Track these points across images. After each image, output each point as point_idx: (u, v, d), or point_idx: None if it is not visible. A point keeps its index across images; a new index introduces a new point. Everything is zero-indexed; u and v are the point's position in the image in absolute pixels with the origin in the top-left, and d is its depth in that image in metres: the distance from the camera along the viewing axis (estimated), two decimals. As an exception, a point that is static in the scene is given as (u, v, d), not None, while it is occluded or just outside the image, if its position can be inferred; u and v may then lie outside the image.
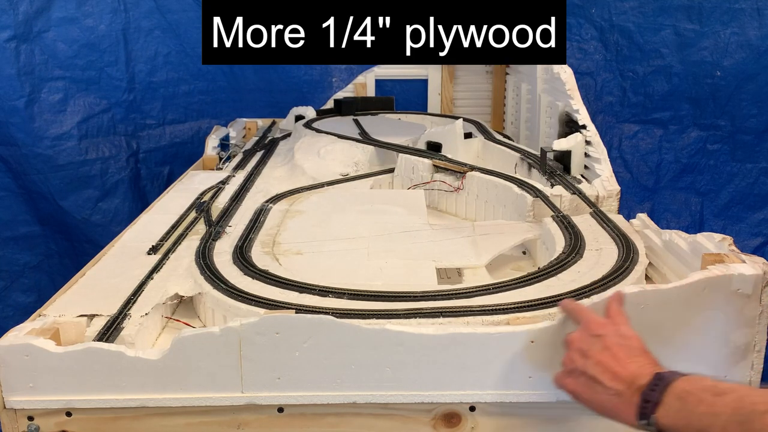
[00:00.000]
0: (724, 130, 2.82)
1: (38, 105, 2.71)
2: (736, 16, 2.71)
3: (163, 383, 1.02)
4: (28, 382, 1.01)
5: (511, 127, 2.86)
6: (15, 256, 2.82)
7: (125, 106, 2.89)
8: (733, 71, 2.75)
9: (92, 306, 1.18)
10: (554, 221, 1.51)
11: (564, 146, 1.82)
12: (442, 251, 1.42)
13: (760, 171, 2.83)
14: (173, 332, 1.14)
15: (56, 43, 2.73)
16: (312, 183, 1.94)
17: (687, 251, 1.26)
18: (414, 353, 1.00)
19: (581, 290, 1.16)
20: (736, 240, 1.22)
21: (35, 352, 1.00)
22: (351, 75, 3.05)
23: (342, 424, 1.05)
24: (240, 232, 1.52)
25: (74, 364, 1.01)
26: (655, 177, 2.92)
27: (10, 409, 1.03)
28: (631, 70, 2.86)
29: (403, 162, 1.99)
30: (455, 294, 1.16)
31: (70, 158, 2.77)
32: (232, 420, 1.04)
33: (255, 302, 1.14)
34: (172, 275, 1.32)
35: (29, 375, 1.01)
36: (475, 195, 1.82)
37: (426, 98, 3.08)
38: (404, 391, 1.03)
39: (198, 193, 1.88)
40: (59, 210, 2.79)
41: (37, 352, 1.00)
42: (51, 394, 1.02)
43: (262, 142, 2.56)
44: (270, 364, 1.01)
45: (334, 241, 1.48)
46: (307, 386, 1.02)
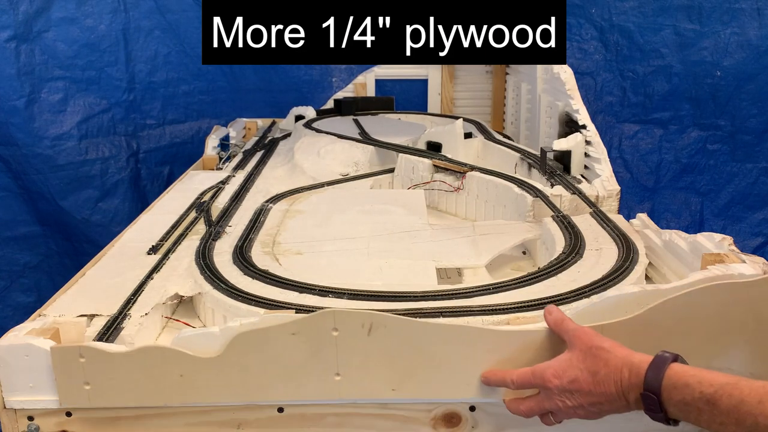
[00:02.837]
0: (724, 130, 2.83)
1: (38, 105, 2.70)
2: (736, 16, 2.71)
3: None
4: (28, 382, 1.01)
5: (511, 127, 2.86)
6: (15, 256, 2.82)
7: (125, 106, 2.88)
8: (733, 71, 2.75)
9: (92, 306, 1.18)
10: (554, 221, 1.51)
11: (564, 146, 1.82)
12: (442, 251, 1.42)
13: (760, 171, 2.84)
14: (173, 332, 1.14)
15: (56, 43, 2.73)
16: (312, 183, 1.94)
17: (687, 251, 1.26)
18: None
19: (581, 290, 1.16)
20: (736, 240, 1.23)
21: (35, 352, 1.00)
22: (351, 75, 3.05)
23: (342, 424, 1.05)
24: (240, 232, 1.52)
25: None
26: (655, 177, 2.92)
27: (10, 409, 1.03)
28: (631, 70, 2.86)
29: (403, 162, 1.99)
30: (455, 294, 1.16)
31: (70, 158, 2.77)
32: (232, 420, 1.04)
33: (255, 302, 1.14)
34: (172, 275, 1.32)
35: (29, 375, 1.01)
36: (475, 195, 1.82)
37: (426, 98, 3.08)
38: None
39: (198, 193, 1.88)
40: (59, 210, 2.79)
41: (37, 352, 1.00)
42: (51, 394, 1.02)
43: (262, 142, 2.56)
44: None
45: (334, 241, 1.48)
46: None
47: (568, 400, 0.91)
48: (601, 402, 0.88)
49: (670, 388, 0.82)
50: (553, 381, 0.91)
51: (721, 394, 0.77)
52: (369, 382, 1.01)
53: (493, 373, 0.98)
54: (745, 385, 0.77)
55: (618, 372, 0.87)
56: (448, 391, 1.02)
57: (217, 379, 1.00)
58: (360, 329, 0.98)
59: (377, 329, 0.98)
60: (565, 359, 0.92)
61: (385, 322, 0.98)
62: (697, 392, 0.79)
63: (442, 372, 1.00)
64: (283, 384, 1.01)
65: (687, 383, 0.81)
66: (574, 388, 0.90)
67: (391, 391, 1.01)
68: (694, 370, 0.82)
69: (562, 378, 0.90)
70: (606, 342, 0.90)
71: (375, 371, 1.00)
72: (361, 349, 0.99)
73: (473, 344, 0.99)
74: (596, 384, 0.88)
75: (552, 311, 0.98)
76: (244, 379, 1.01)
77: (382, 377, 1.01)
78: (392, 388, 1.01)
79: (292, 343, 0.99)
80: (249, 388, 1.01)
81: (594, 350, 0.89)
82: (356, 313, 0.99)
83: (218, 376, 1.00)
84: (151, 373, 1.00)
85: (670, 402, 0.82)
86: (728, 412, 0.76)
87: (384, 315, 0.98)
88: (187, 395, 1.01)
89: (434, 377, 1.01)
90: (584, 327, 0.94)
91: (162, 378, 1.00)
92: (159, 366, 1.00)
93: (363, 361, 1.00)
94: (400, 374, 1.01)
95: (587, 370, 0.89)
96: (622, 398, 0.87)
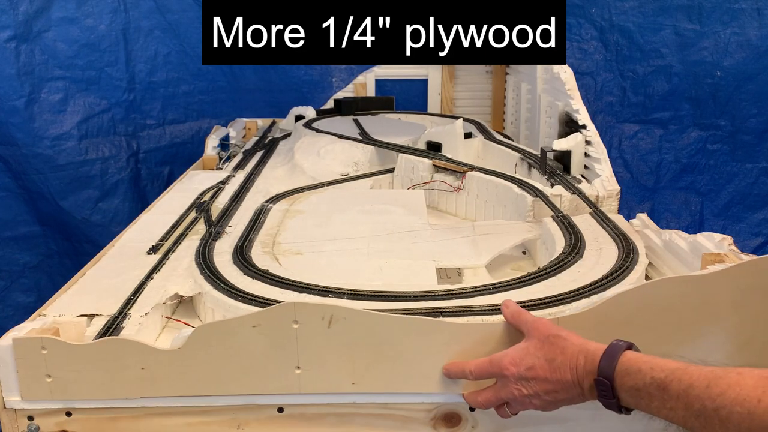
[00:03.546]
0: (724, 130, 2.83)
1: (38, 105, 2.70)
2: (736, 16, 2.71)
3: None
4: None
5: (511, 127, 2.86)
6: (15, 256, 2.82)
7: (125, 106, 2.89)
8: (733, 71, 2.75)
9: (92, 306, 1.18)
10: (554, 221, 1.52)
11: (564, 146, 1.82)
12: (442, 251, 1.42)
13: (760, 171, 2.84)
14: (173, 332, 1.14)
15: (56, 43, 2.73)
16: (312, 183, 1.94)
17: (687, 251, 1.26)
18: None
19: (581, 290, 1.16)
20: (736, 240, 1.23)
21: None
22: (351, 75, 3.05)
23: (342, 424, 1.05)
24: (240, 232, 1.52)
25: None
26: (655, 177, 2.92)
27: (10, 408, 1.03)
28: (631, 70, 2.86)
29: (403, 162, 1.99)
30: (455, 294, 1.16)
31: (70, 158, 2.77)
32: (232, 420, 1.04)
33: (255, 302, 1.14)
34: (172, 275, 1.32)
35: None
36: (475, 195, 1.82)
37: (426, 98, 3.08)
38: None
39: (198, 193, 1.88)
40: (59, 210, 2.79)
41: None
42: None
43: (262, 142, 2.56)
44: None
45: (334, 241, 1.48)
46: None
47: (524, 388, 0.92)
48: (557, 390, 0.90)
49: (623, 374, 0.83)
50: (510, 368, 0.92)
51: (671, 379, 0.78)
52: (329, 375, 1.01)
53: (453, 365, 0.99)
54: (694, 370, 0.77)
55: (574, 359, 0.88)
56: (407, 385, 1.02)
57: (178, 372, 1.00)
58: (320, 322, 0.98)
59: (337, 322, 0.98)
60: (523, 347, 0.93)
61: (344, 314, 0.98)
62: (648, 377, 0.80)
63: (401, 365, 1.00)
64: (245, 377, 1.01)
65: (639, 369, 0.82)
66: (530, 376, 0.91)
67: (351, 384, 1.01)
68: (646, 357, 0.84)
69: (519, 365, 0.92)
70: (563, 331, 0.92)
71: (335, 364, 1.01)
72: (322, 342, 0.99)
73: (431, 337, 0.99)
74: (552, 371, 0.89)
75: (509, 305, 1.00)
76: (205, 372, 1.00)
77: (342, 370, 1.01)
78: (352, 381, 1.01)
79: (254, 336, 0.99)
80: (210, 382, 1.01)
81: (551, 338, 0.91)
82: (316, 306, 0.99)
83: (180, 369, 1.00)
84: (112, 365, 1.00)
85: (623, 388, 0.83)
86: (678, 396, 0.77)
87: (344, 308, 0.99)
88: (149, 389, 1.01)
89: (393, 370, 1.01)
90: (541, 318, 0.96)
91: (123, 371, 1.00)
92: (120, 358, 0.99)
93: (323, 354, 1.00)
94: (360, 368, 1.01)
95: (544, 358, 0.90)
96: (577, 386, 0.88)
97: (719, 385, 0.74)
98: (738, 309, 0.99)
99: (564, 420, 1.04)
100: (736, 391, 0.72)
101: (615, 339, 0.87)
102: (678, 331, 1.00)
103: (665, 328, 0.99)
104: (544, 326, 0.93)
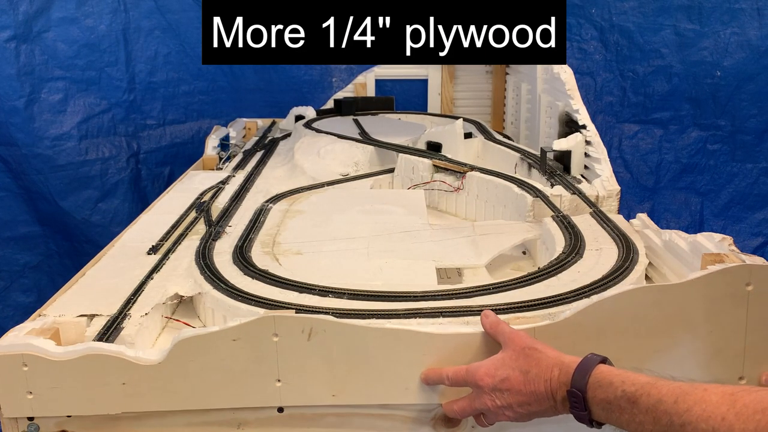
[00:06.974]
0: (724, 130, 2.83)
1: (38, 105, 2.71)
2: (736, 16, 2.71)
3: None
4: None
5: (511, 127, 2.86)
6: (15, 256, 2.82)
7: (125, 106, 2.89)
8: (733, 71, 2.75)
9: (92, 306, 1.18)
10: (554, 221, 1.51)
11: (564, 146, 1.82)
12: (442, 251, 1.42)
13: (760, 171, 2.84)
14: (173, 332, 1.14)
15: (56, 43, 2.73)
16: (312, 183, 1.94)
17: (687, 251, 1.26)
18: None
19: (581, 290, 1.16)
20: (736, 240, 1.23)
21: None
22: (351, 75, 3.05)
23: (342, 424, 1.05)
24: (240, 232, 1.52)
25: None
26: (655, 177, 2.92)
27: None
28: (631, 70, 2.86)
29: (403, 162, 1.99)
30: (455, 294, 1.16)
31: (70, 158, 2.77)
32: (232, 420, 1.04)
33: (255, 302, 1.14)
34: (172, 275, 1.32)
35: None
36: (475, 195, 1.82)
37: (426, 98, 3.08)
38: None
39: (198, 193, 1.88)
40: (59, 210, 2.79)
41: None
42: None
43: (262, 142, 2.56)
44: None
45: (334, 241, 1.48)
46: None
47: (497, 399, 0.92)
48: (530, 402, 0.90)
49: (595, 387, 0.84)
50: (485, 379, 0.93)
51: (641, 393, 0.79)
52: (309, 387, 1.01)
53: (431, 371, 1.00)
54: (663, 384, 0.79)
55: (548, 371, 0.89)
56: (387, 395, 1.02)
57: (159, 386, 1.00)
58: (300, 334, 0.98)
59: (317, 334, 0.98)
60: (498, 359, 0.94)
61: (324, 326, 0.98)
62: (619, 391, 0.81)
63: (380, 376, 1.01)
64: (225, 390, 1.00)
65: (611, 382, 0.83)
66: (504, 387, 0.91)
67: (332, 396, 1.01)
68: (619, 370, 0.85)
69: (494, 377, 0.92)
70: (538, 344, 0.93)
71: (315, 376, 1.01)
72: (302, 355, 0.99)
73: (410, 347, 1.00)
74: (527, 383, 0.90)
75: (488, 315, 1.00)
76: (186, 386, 1.00)
77: (322, 382, 1.01)
78: (332, 393, 1.01)
79: (234, 349, 0.99)
80: (191, 395, 1.00)
81: (527, 350, 0.92)
82: (296, 318, 0.99)
83: (160, 383, 0.99)
84: (93, 381, 0.99)
85: (594, 400, 0.84)
86: (647, 410, 0.78)
87: (323, 320, 0.99)
88: (130, 404, 1.00)
89: (373, 381, 1.01)
90: (519, 330, 0.97)
91: (104, 386, 0.99)
92: (101, 375, 0.99)
93: (303, 367, 1.00)
94: (340, 379, 1.01)
95: (519, 369, 0.91)
96: (550, 398, 0.89)
97: (686, 401, 0.75)
98: (710, 318, 0.99)
99: (564, 420, 1.04)
100: (702, 408, 0.73)
101: (590, 353, 0.88)
102: (650, 340, 1.00)
103: (638, 338, 1.00)
104: (521, 338, 0.94)
